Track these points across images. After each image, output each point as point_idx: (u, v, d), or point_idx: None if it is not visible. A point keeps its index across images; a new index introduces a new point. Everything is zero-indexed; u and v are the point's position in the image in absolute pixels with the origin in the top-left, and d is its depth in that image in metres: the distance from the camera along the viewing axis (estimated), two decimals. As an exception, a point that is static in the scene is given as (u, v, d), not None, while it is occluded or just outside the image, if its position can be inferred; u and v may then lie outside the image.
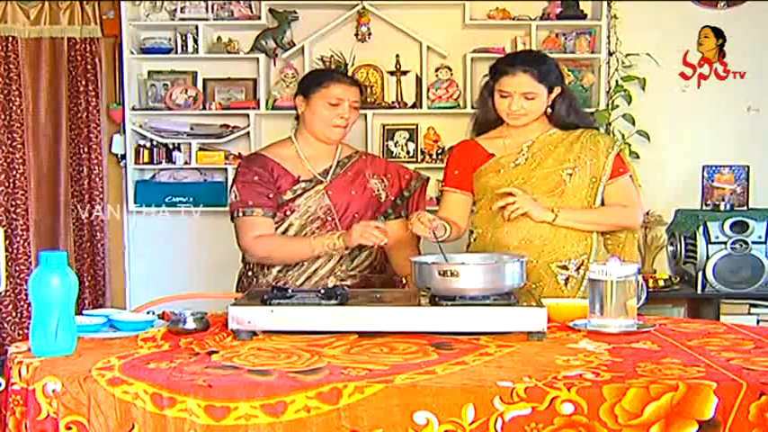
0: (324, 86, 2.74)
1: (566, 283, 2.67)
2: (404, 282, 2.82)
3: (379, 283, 2.78)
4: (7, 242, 4.45)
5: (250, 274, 2.83)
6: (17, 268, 4.44)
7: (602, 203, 2.73)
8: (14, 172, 4.48)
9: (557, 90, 2.71)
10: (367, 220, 2.72)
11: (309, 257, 2.69)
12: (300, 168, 2.76)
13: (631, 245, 2.79)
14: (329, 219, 2.73)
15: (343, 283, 2.71)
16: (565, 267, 2.67)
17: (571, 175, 2.69)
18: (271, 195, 2.72)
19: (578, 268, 2.67)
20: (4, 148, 4.47)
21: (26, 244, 4.48)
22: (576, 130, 2.75)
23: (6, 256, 4.40)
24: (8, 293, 4.41)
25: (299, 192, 2.74)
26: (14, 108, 4.47)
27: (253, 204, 2.70)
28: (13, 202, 4.48)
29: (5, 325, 4.44)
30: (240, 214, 2.71)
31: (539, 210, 2.62)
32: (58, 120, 4.52)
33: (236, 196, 2.73)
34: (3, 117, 4.47)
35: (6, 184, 4.48)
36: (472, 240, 2.79)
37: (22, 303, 4.44)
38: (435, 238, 2.43)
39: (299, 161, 2.77)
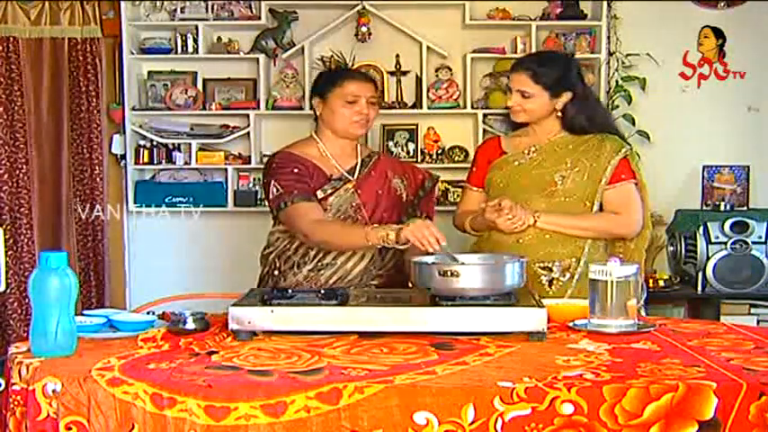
0: (339, 85, 2.75)
1: (550, 285, 2.66)
2: (411, 284, 2.81)
3: (401, 283, 2.78)
4: (12, 240, 4.49)
5: (277, 273, 2.79)
6: (21, 266, 4.47)
7: (601, 208, 2.71)
8: (18, 171, 4.52)
9: (566, 95, 2.69)
10: (393, 219, 2.73)
11: (362, 246, 2.63)
12: (328, 166, 2.78)
13: (639, 255, 2.73)
14: (359, 217, 2.73)
15: (372, 282, 2.73)
16: (548, 269, 2.66)
17: (564, 176, 2.68)
18: (311, 185, 2.72)
19: (564, 271, 2.66)
20: (7, 147, 4.50)
21: (30, 242, 4.51)
22: (587, 135, 2.72)
23: (11, 255, 4.47)
24: (13, 291, 4.46)
25: (329, 191, 2.74)
26: (17, 108, 4.50)
27: (299, 192, 2.68)
28: (17, 201, 4.52)
29: (11, 322, 4.49)
30: (288, 203, 2.67)
31: (523, 213, 2.62)
32: (60, 120, 4.54)
33: (278, 189, 2.70)
34: (5, 117, 4.49)
35: (10, 184, 4.51)
36: (476, 239, 2.80)
37: (27, 301, 4.47)
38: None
39: (326, 159, 2.79)
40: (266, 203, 2.83)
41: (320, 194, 2.73)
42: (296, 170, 2.73)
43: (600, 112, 2.85)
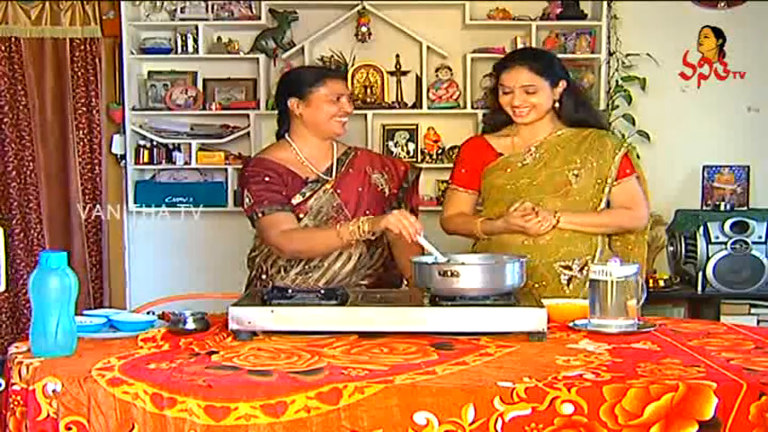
0: (324, 85, 2.73)
1: (568, 283, 2.66)
2: (405, 282, 2.80)
3: (391, 282, 2.78)
4: (22, 234, 4.59)
5: (264, 277, 2.76)
6: (32, 260, 4.53)
7: (608, 205, 2.72)
8: (25, 168, 4.58)
9: (562, 84, 2.70)
10: (378, 215, 2.70)
11: (338, 247, 2.63)
12: (304, 169, 2.75)
13: (641, 247, 2.78)
14: (342, 217, 2.70)
15: (362, 282, 2.71)
16: (568, 267, 2.66)
17: (577, 175, 2.68)
18: (284, 193, 2.69)
19: (582, 269, 2.66)
20: (13, 145, 4.56)
21: (40, 236, 4.60)
22: (584, 130, 2.72)
23: (23, 248, 4.57)
24: (24, 284, 4.51)
25: (307, 194, 2.71)
26: (21, 107, 4.55)
27: (269, 203, 2.65)
28: (26, 197, 4.60)
29: (25, 311, 4.54)
30: (260, 215, 2.65)
31: (547, 214, 2.61)
32: (64, 119, 4.57)
33: (250, 200, 2.68)
34: (10, 116, 4.55)
35: (18, 180, 4.59)
36: (475, 240, 2.79)
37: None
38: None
39: (301, 162, 2.76)
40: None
41: (298, 198, 2.70)
42: (267, 178, 2.69)
43: (592, 104, 2.89)
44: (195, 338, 2.01)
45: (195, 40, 4.53)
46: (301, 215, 2.69)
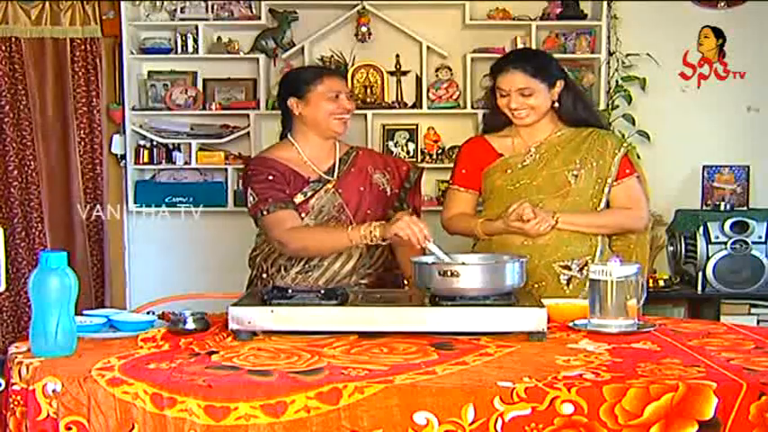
0: (321, 83, 2.73)
1: (568, 283, 2.66)
2: (405, 282, 2.80)
3: (391, 282, 2.78)
4: (24, 233, 4.61)
5: (265, 276, 2.77)
6: (34, 258, 4.53)
7: (608, 205, 2.72)
8: (26, 168, 4.60)
9: (560, 84, 2.69)
10: (379, 215, 2.71)
11: (344, 248, 2.63)
12: (306, 169, 2.75)
13: (642, 247, 2.77)
14: (343, 217, 2.71)
15: (362, 282, 2.71)
16: (568, 267, 2.66)
17: (577, 176, 2.68)
18: (287, 191, 2.69)
19: (581, 269, 2.65)
20: (15, 144, 4.58)
21: (42, 235, 4.61)
22: (584, 130, 2.72)
23: (24, 246, 4.60)
24: (25, 284, 4.50)
25: (309, 193, 2.71)
26: (21, 107, 4.56)
27: (274, 200, 2.65)
28: (27, 197, 4.62)
29: (26, 310, 4.55)
30: (265, 213, 2.65)
31: (546, 215, 2.61)
32: (65, 119, 4.58)
33: (254, 198, 2.68)
34: (11, 116, 4.56)
35: (20, 179, 4.60)
36: (476, 240, 2.79)
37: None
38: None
39: (303, 162, 2.76)
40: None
41: (300, 198, 2.70)
42: (270, 177, 2.69)
43: (589, 100, 2.88)
44: (195, 338, 2.01)
45: (195, 40, 4.53)
46: (303, 214, 2.69)
